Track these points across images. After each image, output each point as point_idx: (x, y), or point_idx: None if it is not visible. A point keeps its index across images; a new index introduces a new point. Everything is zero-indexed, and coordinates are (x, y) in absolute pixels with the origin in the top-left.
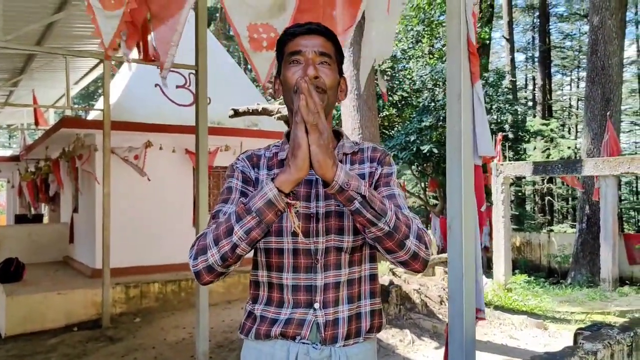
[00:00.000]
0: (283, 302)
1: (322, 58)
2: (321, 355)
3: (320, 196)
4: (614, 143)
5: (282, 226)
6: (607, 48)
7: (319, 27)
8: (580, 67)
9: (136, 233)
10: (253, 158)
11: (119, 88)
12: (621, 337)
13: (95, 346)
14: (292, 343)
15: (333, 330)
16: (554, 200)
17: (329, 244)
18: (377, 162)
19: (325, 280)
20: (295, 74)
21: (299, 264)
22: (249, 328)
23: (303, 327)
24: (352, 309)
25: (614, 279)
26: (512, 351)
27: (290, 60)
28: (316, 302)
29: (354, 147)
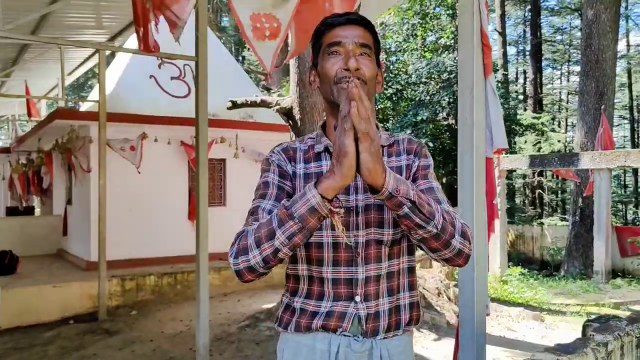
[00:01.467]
0: (323, 295)
1: (362, 49)
2: (363, 347)
3: (360, 189)
4: (608, 136)
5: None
6: (601, 42)
7: (358, 17)
8: (570, 61)
9: (131, 225)
10: (289, 151)
11: (113, 79)
12: (630, 328)
13: (93, 339)
14: (334, 335)
15: (374, 323)
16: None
17: (369, 237)
18: (413, 155)
19: (366, 273)
20: (335, 65)
21: (339, 257)
22: (288, 321)
23: (344, 319)
24: (392, 302)
25: (607, 271)
26: (510, 343)
27: (329, 51)
28: (357, 295)
29: (390, 139)
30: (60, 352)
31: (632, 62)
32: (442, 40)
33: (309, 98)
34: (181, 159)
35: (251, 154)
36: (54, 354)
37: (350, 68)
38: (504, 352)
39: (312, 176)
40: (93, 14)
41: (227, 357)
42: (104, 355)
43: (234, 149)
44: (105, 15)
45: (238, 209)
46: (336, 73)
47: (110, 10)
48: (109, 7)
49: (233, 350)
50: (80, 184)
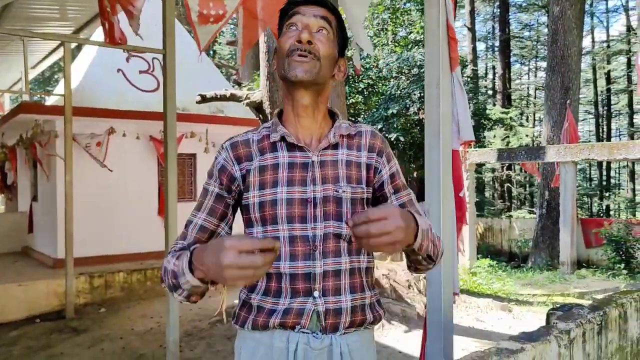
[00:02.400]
0: (281, 291)
1: (320, 24)
2: (322, 344)
3: (317, 180)
4: (573, 131)
5: (276, 213)
6: (566, 38)
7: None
8: (538, 57)
9: (100, 222)
10: (238, 147)
11: (79, 73)
12: (592, 316)
13: (60, 337)
14: (292, 332)
15: (335, 320)
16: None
17: (327, 230)
18: (377, 153)
19: (324, 267)
20: (290, 39)
21: (296, 251)
22: (245, 318)
23: (302, 316)
24: (356, 300)
25: (572, 262)
26: (479, 333)
27: (288, 26)
28: (315, 290)
29: (351, 128)
30: (26, 351)
31: (596, 58)
32: (412, 35)
33: (279, 91)
34: (150, 154)
35: None
36: (20, 354)
37: (302, 40)
38: (473, 342)
39: (268, 169)
40: (57, 5)
41: (198, 352)
42: (72, 354)
43: (204, 144)
44: (71, 7)
45: None
46: (290, 46)
47: (76, 1)
48: None
49: (204, 346)
50: (45, 180)
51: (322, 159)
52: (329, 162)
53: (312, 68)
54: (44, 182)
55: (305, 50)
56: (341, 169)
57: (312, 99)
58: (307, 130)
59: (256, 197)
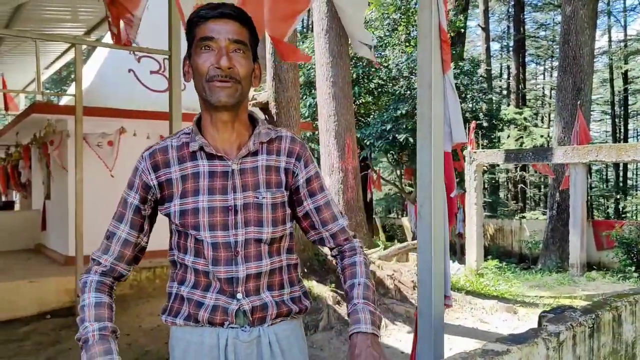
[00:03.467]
0: (209, 285)
1: (236, 45)
2: (251, 336)
3: (238, 187)
4: (584, 132)
5: (198, 221)
6: (578, 38)
7: (233, 10)
8: (553, 57)
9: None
10: (156, 155)
11: (91, 73)
12: (583, 319)
13: (69, 333)
14: (221, 329)
15: (261, 314)
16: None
17: (248, 236)
18: (295, 158)
19: (247, 271)
20: (207, 62)
21: (219, 257)
22: (178, 310)
23: (228, 314)
24: (275, 296)
25: (582, 264)
26: (482, 334)
27: (201, 45)
28: (238, 292)
29: (271, 133)
30: (36, 347)
31: (613, 57)
32: None
33: (284, 92)
34: None
35: None
36: (30, 349)
37: (222, 67)
38: (475, 344)
39: (189, 177)
40: (69, 7)
41: None
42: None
43: None
44: (82, 9)
45: None
46: (208, 70)
47: (87, 3)
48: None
49: None
50: (57, 179)
51: (241, 166)
52: (249, 170)
53: (234, 92)
54: (57, 180)
55: (226, 75)
56: (261, 175)
57: (232, 116)
58: (227, 140)
59: (177, 206)
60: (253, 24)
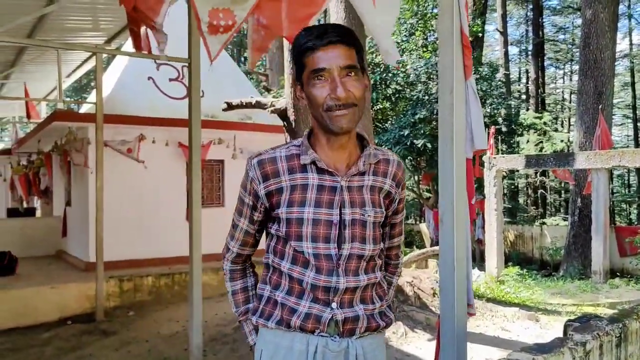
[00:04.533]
0: (303, 293)
1: (347, 70)
2: (340, 347)
3: (346, 203)
4: (606, 136)
5: (301, 232)
6: (599, 41)
7: (339, 36)
8: (573, 61)
9: (129, 226)
10: (265, 166)
11: (111, 81)
12: (610, 328)
13: (89, 339)
14: (312, 336)
15: (352, 326)
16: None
17: (352, 251)
18: (396, 183)
19: (346, 284)
20: (322, 92)
21: (321, 266)
22: (270, 313)
23: (321, 322)
24: (368, 310)
25: (605, 271)
26: (505, 343)
27: (314, 76)
28: (333, 302)
29: (378, 155)
30: (57, 352)
31: (635, 60)
32: None
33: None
34: (179, 160)
35: (249, 155)
36: (51, 354)
37: (339, 98)
38: (497, 352)
39: (298, 188)
40: (90, 16)
41: (221, 357)
42: (100, 356)
43: (232, 150)
44: (102, 18)
45: None
46: (325, 100)
47: (107, 12)
48: (106, 9)
49: (227, 351)
50: (78, 186)
51: (349, 184)
52: (356, 188)
53: (354, 116)
54: (77, 187)
55: (343, 104)
56: (366, 194)
57: (348, 137)
58: (338, 158)
59: (284, 214)
60: (358, 40)
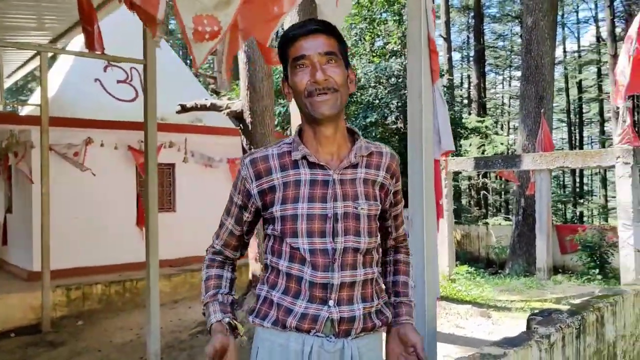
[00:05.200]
0: (300, 293)
1: (328, 57)
2: (335, 347)
3: (338, 196)
4: (548, 139)
5: (296, 228)
6: (540, 48)
7: (319, 25)
8: (512, 66)
9: (76, 233)
10: (257, 164)
11: (55, 82)
12: (570, 321)
13: (36, 351)
14: (307, 336)
15: (348, 326)
16: (489, 194)
17: (347, 245)
18: (390, 175)
19: (342, 279)
20: (303, 79)
21: (317, 262)
22: (266, 313)
23: (317, 322)
24: (367, 308)
25: (549, 268)
26: (460, 339)
27: (295, 65)
28: (331, 299)
29: (370, 147)
30: None
31: (568, 67)
32: (390, 46)
33: (259, 101)
34: (128, 164)
35: (201, 158)
36: None
37: (318, 81)
38: (454, 349)
39: (290, 185)
40: (34, 14)
41: None
42: None
43: (183, 154)
44: (48, 16)
45: (188, 215)
46: (306, 86)
47: (53, 10)
48: (52, 7)
49: (185, 358)
50: (20, 191)
51: (342, 177)
52: (348, 181)
53: (335, 102)
54: (19, 193)
55: (323, 87)
56: (359, 187)
57: (334, 128)
58: (328, 151)
59: (278, 212)
60: (339, 32)
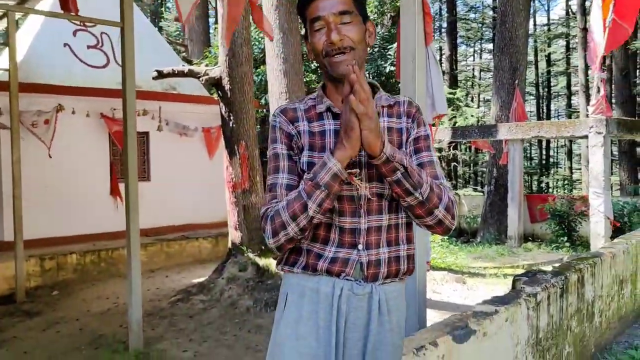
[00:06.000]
0: (328, 239)
1: (342, 17)
2: (364, 291)
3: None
4: (522, 110)
5: None
6: (514, 20)
7: None
8: (483, 39)
9: (49, 203)
10: (288, 112)
11: (22, 46)
12: (554, 280)
13: (11, 321)
14: (337, 279)
15: (375, 270)
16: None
17: (371, 191)
18: (411, 119)
19: (368, 224)
20: (320, 40)
21: (344, 208)
22: (295, 260)
23: (347, 265)
24: (392, 252)
25: (520, 236)
26: (437, 304)
27: (313, 27)
28: (360, 243)
29: (390, 100)
30: None
31: (538, 41)
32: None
33: (238, 67)
34: (101, 133)
35: (175, 127)
36: None
37: (334, 42)
38: (431, 312)
39: (316, 135)
40: None
41: (160, 332)
42: (26, 337)
43: (157, 122)
44: None
45: (163, 185)
46: (323, 47)
47: None
48: None
49: (166, 325)
50: None
51: None
52: None
53: (351, 60)
54: None
55: (340, 47)
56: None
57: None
58: None
59: (305, 157)
60: None
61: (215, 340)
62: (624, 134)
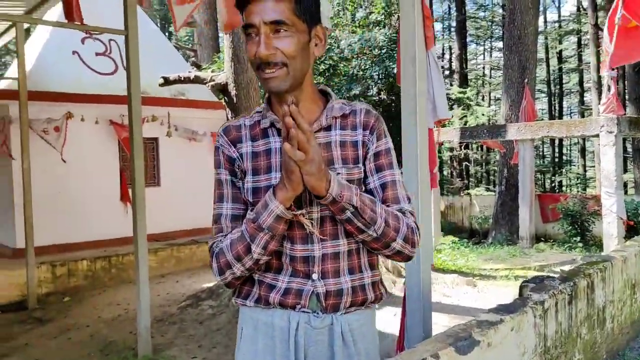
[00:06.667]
0: (281, 268)
1: (274, 26)
2: (323, 323)
3: None
4: (531, 109)
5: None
6: (523, 18)
7: None
8: (492, 37)
9: (59, 209)
10: (231, 132)
11: (32, 55)
12: (563, 287)
13: (23, 328)
14: (292, 312)
15: (336, 300)
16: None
17: (324, 214)
18: (369, 131)
19: (323, 250)
20: (251, 51)
21: (294, 234)
22: (248, 292)
23: (302, 297)
24: (355, 280)
25: (531, 237)
26: (447, 308)
27: (246, 33)
28: (314, 272)
29: (345, 108)
30: None
31: (549, 38)
32: (373, 16)
33: (244, 73)
34: (111, 139)
35: (184, 132)
36: None
37: (261, 57)
38: (441, 317)
39: (261, 155)
40: None
41: (169, 337)
42: (38, 345)
43: (166, 128)
44: None
45: (173, 190)
46: (255, 59)
47: None
48: None
49: (175, 331)
50: (1, 168)
51: None
52: (322, 145)
53: (284, 77)
54: None
55: (269, 62)
56: (335, 150)
57: (296, 96)
58: None
59: (250, 183)
60: None
61: (225, 346)
62: (636, 132)
